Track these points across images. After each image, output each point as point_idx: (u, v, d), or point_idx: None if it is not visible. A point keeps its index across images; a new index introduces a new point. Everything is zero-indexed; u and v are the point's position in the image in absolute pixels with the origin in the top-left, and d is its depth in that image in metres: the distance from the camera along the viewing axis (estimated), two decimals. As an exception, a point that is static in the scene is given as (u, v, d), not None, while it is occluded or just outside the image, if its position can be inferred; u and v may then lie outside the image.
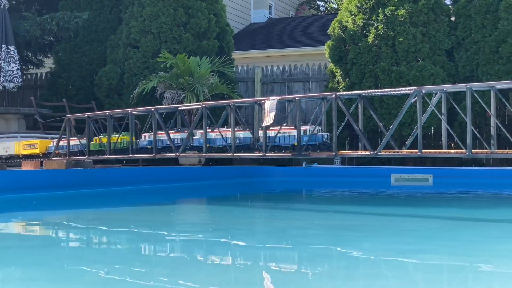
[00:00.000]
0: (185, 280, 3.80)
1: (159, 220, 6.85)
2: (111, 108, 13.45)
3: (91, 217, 7.15)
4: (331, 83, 13.86)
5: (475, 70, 12.67)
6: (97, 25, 15.40)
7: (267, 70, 15.43)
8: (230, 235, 5.65)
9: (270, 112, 7.93)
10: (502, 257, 4.51)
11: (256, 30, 21.22)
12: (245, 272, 4.09)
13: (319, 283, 3.77)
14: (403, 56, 12.87)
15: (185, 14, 13.97)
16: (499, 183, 11.28)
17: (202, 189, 11.25)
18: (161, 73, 13.23)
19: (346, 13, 13.64)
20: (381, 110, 12.85)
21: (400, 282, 3.79)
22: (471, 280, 3.83)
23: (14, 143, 10.71)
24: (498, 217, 7.18)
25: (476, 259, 4.43)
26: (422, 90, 7.19)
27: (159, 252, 4.90)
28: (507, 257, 4.52)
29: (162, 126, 9.00)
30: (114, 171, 10.85)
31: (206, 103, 9.07)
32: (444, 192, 10.68)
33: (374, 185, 11.70)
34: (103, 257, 4.61)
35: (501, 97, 7.18)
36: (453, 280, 3.85)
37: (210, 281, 3.79)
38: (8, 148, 10.71)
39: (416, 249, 4.83)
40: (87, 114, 9.98)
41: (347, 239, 5.39)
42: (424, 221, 6.71)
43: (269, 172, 12.96)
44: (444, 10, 13.24)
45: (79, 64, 15.34)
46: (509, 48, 12.05)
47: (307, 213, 7.80)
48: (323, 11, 29.32)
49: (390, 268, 4.17)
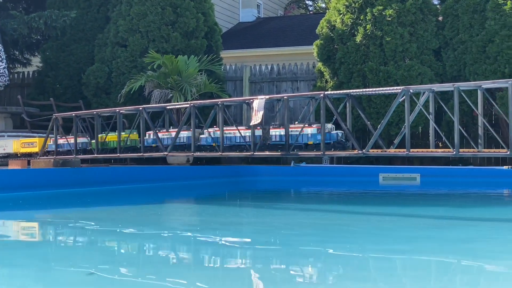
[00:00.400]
0: (173, 279, 3.78)
1: (146, 220, 6.83)
2: (99, 107, 13.40)
3: (78, 217, 7.11)
4: (319, 82, 13.88)
5: (463, 69, 12.72)
6: (85, 23, 15.34)
7: (255, 69, 15.42)
8: (218, 235, 5.64)
9: (258, 111, 7.92)
10: (489, 255, 4.53)
11: (245, 29, 21.21)
12: (233, 271, 4.08)
13: (307, 283, 3.77)
14: (391, 56, 12.91)
15: (173, 13, 13.94)
16: (486, 182, 11.34)
17: (191, 188, 11.23)
18: (149, 72, 13.20)
19: (335, 13, 13.66)
20: (369, 110, 12.88)
21: (388, 281, 3.80)
22: (459, 279, 3.85)
23: (12, 141, 10.51)
24: (485, 216, 7.21)
25: (464, 257, 4.45)
26: (409, 90, 7.21)
27: (146, 252, 4.88)
28: (494, 255, 4.54)
29: (150, 125, 8.97)
30: (102, 170, 10.81)
31: (195, 102, 9.05)
32: (431, 191, 10.72)
33: (362, 184, 11.73)
34: (90, 257, 4.59)
35: (488, 96, 7.21)
36: (440, 279, 3.86)
37: (198, 280, 3.78)
38: (5, 146, 10.52)
39: (403, 248, 4.84)
40: (75, 113, 9.93)
41: (335, 239, 5.39)
42: (411, 220, 6.73)
43: (257, 171, 12.96)
44: (431, 10, 13.29)
45: (67, 63, 15.27)
46: (496, 47, 12.12)
47: (295, 212, 7.80)
48: (312, 11, 29.36)
49: (379, 268, 4.17)
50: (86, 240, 5.52)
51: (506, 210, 8.00)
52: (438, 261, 4.36)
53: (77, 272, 3.97)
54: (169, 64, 12.82)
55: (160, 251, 4.89)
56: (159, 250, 4.95)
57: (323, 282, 3.81)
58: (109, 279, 3.79)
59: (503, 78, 11.71)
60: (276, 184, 12.26)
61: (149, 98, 13.04)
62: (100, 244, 5.27)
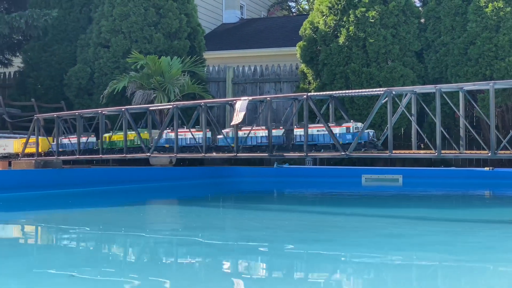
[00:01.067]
0: (154, 280, 3.77)
1: (128, 221, 6.80)
2: (81, 108, 13.33)
3: (59, 219, 7.06)
4: (302, 83, 13.90)
5: (444, 71, 12.80)
6: (67, 24, 15.25)
7: (238, 70, 15.42)
8: (200, 236, 5.63)
9: (240, 112, 7.92)
10: (469, 254, 4.56)
11: (228, 30, 21.20)
12: (214, 272, 4.07)
13: (289, 283, 3.77)
14: (373, 57, 12.96)
15: (156, 13, 13.90)
16: (467, 183, 11.42)
17: (173, 189, 11.20)
18: (132, 73, 13.15)
19: (318, 14, 13.69)
20: (352, 111, 12.92)
21: (369, 281, 3.81)
22: (440, 278, 3.86)
23: (13, 141, 10.27)
24: (466, 217, 7.26)
25: (444, 257, 4.47)
26: (392, 91, 7.24)
27: (128, 253, 4.85)
28: (474, 254, 4.57)
29: (133, 126, 8.93)
30: (84, 171, 10.75)
31: (177, 103, 9.03)
32: (414, 192, 10.77)
33: (345, 185, 11.76)
34: (71, 259, 4.55)
35: (470, 98, 7.27)
36: (422, 277, 3.87)
37: (180, 281, 3.77)
38: (6, 146, 10.29)
39: (384, 249, 4.85)
40: (56, 114, 9.87)
41: (317, 240, 5.40)
42: (393, 221, 6.76)
43: (240, 172, 12.95)
44: (414, 12, 13.36)
45: (48, 63, 15.16)
46: (477, 50, 12.21)
47: (277, 213, 7.80)
48: (295, 12, 29.41)
49: (361, 268, 4.18)
50: (67, 242, 5.47)
51: (487, 211, 8.06)
52: (417, 262, 4.38)
53: (59, 275, 3.94)
54: (152, 64, 12.78)
55: (141, 253, 4.86)
56: (140, 251, 4.93)
57: (305, 281, 3.81)
58: (91, 281, 3.76)
59: (484, 80, 11.81)
60: (259, 185, 12.26)
61: (131, 99, 12.98)
62: (81, 246, 5.23)
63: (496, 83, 7.17)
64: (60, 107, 14.07)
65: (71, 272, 3.96)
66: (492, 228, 6.16)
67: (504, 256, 4.62)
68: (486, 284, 3.75)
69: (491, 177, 11.27)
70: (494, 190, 10.93)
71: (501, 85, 8.76)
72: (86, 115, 9.84)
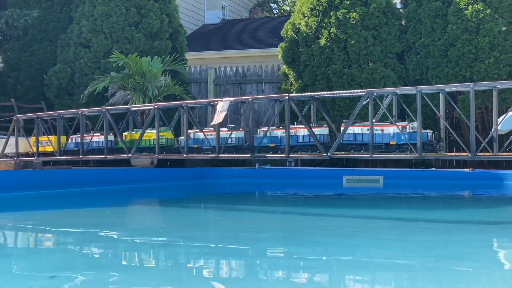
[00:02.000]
0: (134, 282, 3.75)
1: (109, 222, 6.76)
2: (62, 109, 13.24)
3: (39, 220, 7.00)
4: (284, 84, 13.92)
5: (425, 73, 12.88)
6: (47, 23, 15.14)
7: (220, 71, 15.41)
8: (181, 237, 5.61)
9: (221, 112, 7.92)
10: (448, 255, 4.59)
11: (210, 31, 21.16)
12: (194, 274, 4.06)
13: (269, 284, 3.77)
14: (354, 59, 13.01)
15: (137, 14, 13.84)
16: (448, 185, 11.50)
17: (155, 190, 11.15)
18: (113, 73, 13.08)
19: (299, 15, 13.72)
20: (333, 112, 12.96)
21: (350, 281, 3.82)
22: (420, 279, 3.89)
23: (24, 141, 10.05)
24: (447, 218, 7.31)
25: (424, 259, 4.49)
26: (373, 93, 7.27)
27: (108, 255, 4.82)
28: (453, 255, 4.60)
29: (114, 126, 8.89)
30: (64, 172, 10.67)
31: (159, 104, 9.00)
32: (394, 193, 10.82)
33: (326, 186, 11.79)
34: (51, 261, 4.52)
35: (450, 100, 7.32)
36: (401, 278, 3.89)
37: (159, 282, 3.75)
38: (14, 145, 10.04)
39: (364, 250, 4.87)
40: (36, 114, 9.80)
41: (298, 241, 5.41)
42: (373, 222, 6.79)
43: (222, 173, 12.93)
44: (395, 14, 13.43)
45: (29, 63, 15.05)
46: (457, 52, 12.30)
47: (259, 214, 7.80)
48: (277, 13, 29.44)
49: (341, 268, 4.19)
50: (48, 244, 5.43)
51: (466, 212, 8.12)
52: (398, 263, 4.40)
53: (39, 277, 3.90)
54: (133, 64, 12.72)
55: (122, 254, 4.84)
56: (121, 252, 4.90)
57: (286, 282, 3.82)
58: (72, 282, 3.74)
59: (464, 81, 11.90)
60: (240, 186, 12.25)
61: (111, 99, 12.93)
62: (62, 247, 5.19)
63: (476, 84, 7.23)
64: (40, 107, 13.97)
65: (52, 273, 3.93)
66: (471, 231, 6.21)
67: (481, 258, 4.66)
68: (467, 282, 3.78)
69: (471, 178, 11.36)
70: (474, 191, 11.02)
71: (481, 86, 8.85)
72: (66, 115, 9.78)
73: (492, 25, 12.15)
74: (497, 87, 7.21)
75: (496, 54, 12.06)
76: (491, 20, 12.20)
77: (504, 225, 6.59)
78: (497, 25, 12.19)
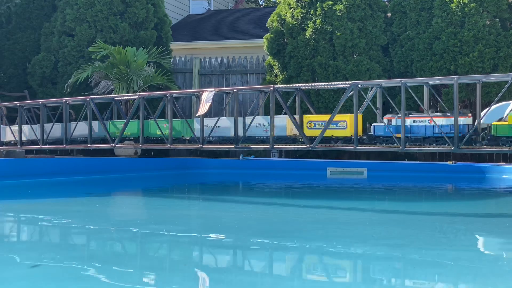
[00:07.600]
0: (118, 271, 3.74)
1: (92, 212, 6.73)
2: (45, 97, 13.13)
3: (20, 209, 6.96)
4: (269, 76, 13.91)
5: (410, 66, 12.93)
6: (31, 11, 15.00)
7: (205, 61, 15.36)
8: (165, 227, 5.60)
9: (205, 103, 7.90)
10: (432, 247, 4.62)
11: (195, 21, 21.08)
12: (178, 264, 4.06)
13: (253, 276, 3.77)
14: (340, 51, 13.02)
15: (122, 3, 13.74)
16: (430, 177, 11.56)
17: (138, 180, 11.12)
18: (97, 62, 12.99)
19: (285, 7, 13.69)
20: (318, 104, 12.97)
21: (333, 272, 3.83)
22: (402, 269, 3.91)
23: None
24: (429, 210, 7.35)
25: (408, 250, 4.52)
26: (358, 85, 7.29)
27: (91, 245, 4.81)
28: (436, 247, 4.63)
29: (98, 116, 8.85)
30: (47, 161, 10.59)
31: (143, 93, 8.97)
32: (378, 185, 10.87)
33: (310, 178, 11.81)
34: (34, 249, 4.49)
35: (434, 92, 7.35)
36: (385, 269, 3.91)
37: (144, 273, 3.75)
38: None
39: (347, 242, 4.89)
40: (19, 102, 9.72)
41: (281, 232, 5.42)
42: (356, 214, 6.81)
43: (206, 164, 12.91)
44: (380, 6, 13.45)
45: (12, 51, 14.91)
46: (442, 45, 12.35)
47: (242, 205, 7.80)
48: (262, 4, 29.39)
49: (325, 260, 4.21)
50: (29, 233, 5.40)
51: (448, 204, 8.17)
52: (380, 255, 4.42)
53: (21, 265, 3.88)
54: (117, 54, 12.64)
55: (104, 243, 4.82)
56: (103, 243, 4.89)
57: (269, 272, 3.83)
58: (54, 271, 3.72)
59: (448, 75, 11.95)
60: (224, 176, 12.24)
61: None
62: (43, 237, 5.16)
63: (460, 78, 7.28)
64: (23, 96, 13.86)
65: (33, 263, 3.91)
66: (452, 222, 6.25)
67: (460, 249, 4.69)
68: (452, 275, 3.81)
69: (454, 171, 11.43)
70: (456, 184, 11.09)
71: (465, 80, 8.90)
72: (50, 104, 9.72)
73: (477, 19, 12.21)
74: (481, 80, 7.26)
75: (480, 48, 12.12)
76: (476, 13, 12.25)
77: (485, 218, 6.65)
78: (481, 19, 12.24)
